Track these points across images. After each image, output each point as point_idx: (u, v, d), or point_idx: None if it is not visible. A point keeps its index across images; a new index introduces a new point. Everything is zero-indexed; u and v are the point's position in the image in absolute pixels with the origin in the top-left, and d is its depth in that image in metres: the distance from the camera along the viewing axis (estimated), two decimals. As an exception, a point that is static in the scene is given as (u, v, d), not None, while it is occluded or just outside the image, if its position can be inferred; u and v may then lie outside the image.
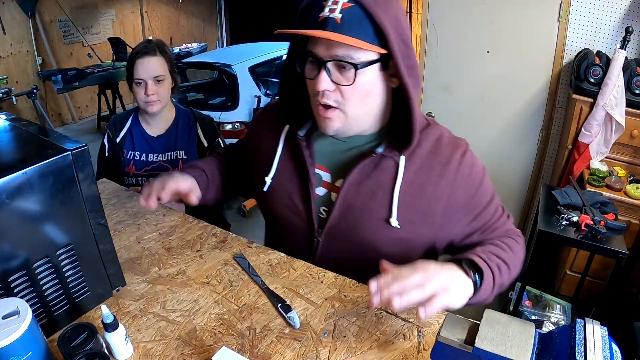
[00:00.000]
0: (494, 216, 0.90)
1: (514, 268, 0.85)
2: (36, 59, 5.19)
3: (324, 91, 0.78)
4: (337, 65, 0.77)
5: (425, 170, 0.84)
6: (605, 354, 0.48)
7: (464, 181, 0.84)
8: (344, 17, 0.73)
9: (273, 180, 0.96)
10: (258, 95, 3.64)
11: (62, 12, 5.38)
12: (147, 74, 1.48)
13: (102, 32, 5.99)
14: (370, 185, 0.86)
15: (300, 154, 0.91)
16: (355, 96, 0.79)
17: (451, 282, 0.72)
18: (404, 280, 0.67)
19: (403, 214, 0.84)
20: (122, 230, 1.03)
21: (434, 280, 0.69)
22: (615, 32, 2.31)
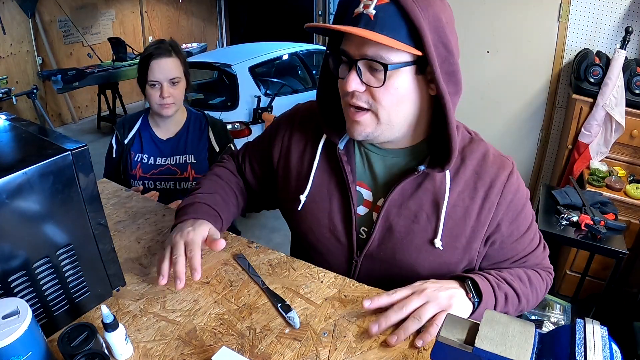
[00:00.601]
0: (528, 246, 0.87)
1: (527, 302, 0.83)
2: (36, 59, 5.19)
3: (354, 92, 0.74)
4: (369, 65, 0.72)
5: (470, 193, 0.80)
6: (605, 354, 0.48)
7: (506, 206, 0.80)
8: (378, 14, 0.68)
9: (308, 198, 0.89)
10: (258, 95, 3.64)
11: (62, 12, 5.38)
12: (163, 76, 1.44)
13: (102, 32, 5.99)
14: (412, 207, 0.82)
15: (340, 169, 0.86)
16: (388, 99, 0.73)
17: (449, 301, 0.73)
18: (402, 310, 0.71)
19: (446, 238, 0.81)
20: (122, 230, 1.03)
21: (433, 304, 0.72)
22: (615, 32, 2.31)
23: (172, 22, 7.12)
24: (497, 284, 0.78)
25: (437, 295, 0.72)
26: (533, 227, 0.86)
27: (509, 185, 0.80)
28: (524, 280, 0.82)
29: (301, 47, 4.58)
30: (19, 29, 4.98)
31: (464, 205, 0.80)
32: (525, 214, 0.84)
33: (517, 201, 0.81)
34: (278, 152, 0.96)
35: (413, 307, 0.71)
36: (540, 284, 0.86)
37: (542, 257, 0.90)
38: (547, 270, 0.90)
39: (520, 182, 0.83)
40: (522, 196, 0.82)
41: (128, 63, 5.29)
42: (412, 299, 0.72)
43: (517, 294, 0.80)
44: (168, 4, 6.95)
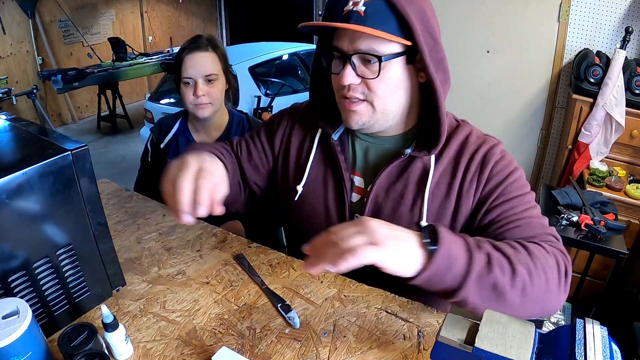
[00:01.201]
0: (522, 212, 0.77)
1: (529, 273, 0.66)
2: (36, 59, 5.20)
3: (349, 85, 0.77)
4: (362, 58, 0.75)
5: (452, 169, 0.82)
6: (605, 354, 0.48)
7: (488, 173, 0.80)
8: (367, 9, 0.72)
9: (304, 188, 0.92)
10: (258, 95, 3.64)
11: (62, 12, 5.38)
12: (197, 72, 1.30)
13: (102, 32, 5.99)
14: (399, 188, 0.84)
15: (334, 159, 0.89)
16: (383, 89, 0.77)
17: (386, 239, 0.60)
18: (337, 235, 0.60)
19: (432, 218, 0.82)
20: (122, 230, 1.03)
21: (368, 232, 0.60)
22: (615, 32, 2.31)
23: (172, 22, 7.12)
24: (476, 242, 0.67)
25: (376, 229, 0.61)
26: (527, 198, 0.79)
27: (490, 155, 0.80)
28: (517, 247, 0.69)
29: (301, 47, 4.58)
30: (19, 29, 4.98)
31: (446, 182, 0.82)
32: (514, 183, 0.79)
33: (501, 169, 0.80)
34: (279, 141, 0.98)
35: (341, 233, 0.61)
36: (546, 257, 0.70)
37: (542, 229, 0.77)
38: (553, 245, 0.74)
39: (505, 155, 0.82)
40: (506, 165, 0.81)
41: (128, 63, 5.30)
42: (348, 227, 0.61)
43: (508, 259, 0.66)
44: (168, 4, 6.95)
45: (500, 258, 0.66)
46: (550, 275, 0.68)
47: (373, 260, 0.59)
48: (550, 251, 0.71)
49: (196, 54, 1.30)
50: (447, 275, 0.63)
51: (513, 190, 0.79)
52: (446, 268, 0.63)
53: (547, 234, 0.76)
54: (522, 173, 0.82)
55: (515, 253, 0.68)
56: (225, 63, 1.37)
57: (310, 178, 0.92)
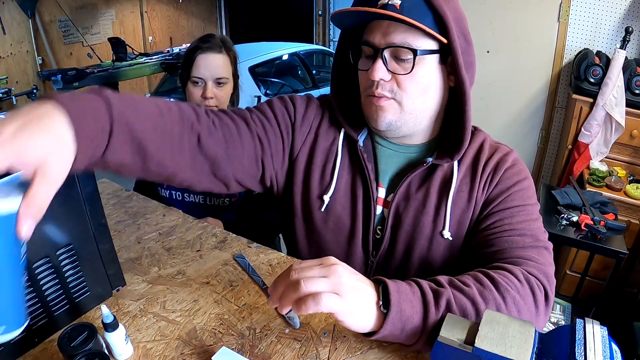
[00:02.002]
0: (519, 224, 0.74)
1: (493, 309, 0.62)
2: (36, 59, 5.20)
3: (378, 82, 0.74)
4: (394, 54, 0.72)
5: (471, 176, 0.80)
6: (605, 354, 0.48)
7: (498, 179, 0.79)
8: (404, 3, 0.69)
9: (331, 198, 0.84)
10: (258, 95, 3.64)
11: (62, 12, 5.38)
12: (209, 73, 1.27)
13: (102, 32, 5.99)
14: (420, 198, 0.81)
15: (361, 166, 0.84)
16: (413, 87, 0.74)
17: (352, 290, 0.57)
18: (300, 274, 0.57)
19: (454, 227, 0.80)
20: (122, 230, 1.03)
21: (332, 278, 0.57)
22: (615, 32, 2.31)
23: (172, 22, 7.12)
24: (435, 291, 0.62)
25: (341, 276, 0.57)
26: (529, 210, 0.77)
27: (502, 163, 0.80)
28: (484, 282, 0.64)
29: (301, 47, 4.58)
30: (19, 29, 4.98)
31: (467, 190, 0.80)
32: (519, 192, 0.78)
33: (509, 176, 0.79)
34: (303, 137, 0.85)
35: (305, 274, 0.57)
36: (518, 287, 0.64)
37: (534, 242, 0.73)
38: (533, 268, 0.68)
39: (516, 164, 0.81)
40: (515, 173, 0.80)
41: (128, 63, 5.29)
42: (313, 267, 0.58)
43: (472, 301, 0.61)
44: (168, 4, 6.95)
45: (462, 301, 0.61)
46: (522, 306, 0.64)
47: (333, 310, 0.56)
48: (525, 279, 0.66)
49: (210, 55, 1.27)
50: (401, 335, 0.60)
51: (516, 199, 0.77)
52: (400, 329, 0.59)
53: (537, 247, 0.73)
54: (530, 184, 0.80)
55: (481, 290, 0.63)
56: (235, 66, 1.35)
57: (338, 187, 0.85)
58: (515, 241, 0.73)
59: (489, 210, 0.78)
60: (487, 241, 0.76)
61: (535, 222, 0.77)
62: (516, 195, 0.78)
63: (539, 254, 0.72)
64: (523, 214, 0.76)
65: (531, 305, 0.65)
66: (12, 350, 0.66)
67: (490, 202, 0.79)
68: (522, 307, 0.64)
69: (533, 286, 0.66)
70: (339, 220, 0.85)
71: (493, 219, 0.77)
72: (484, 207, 0.79)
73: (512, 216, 0.76)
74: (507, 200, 0.77)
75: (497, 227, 0.76)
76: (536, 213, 0.78)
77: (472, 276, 0.66)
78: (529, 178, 0.81)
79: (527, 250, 0.72)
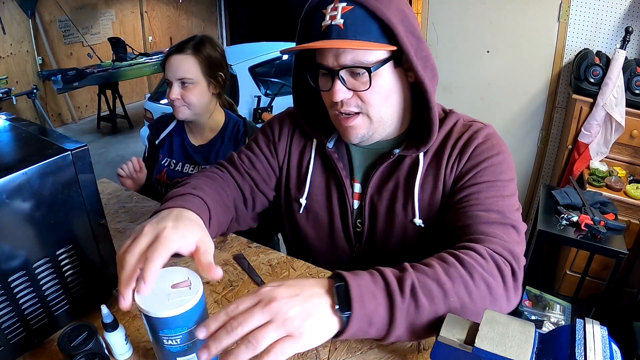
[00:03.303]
0: (489, 199, 0.73)
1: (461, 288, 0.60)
2: (36, 59, 5.20)
3: (342, 100, 0.76)
4: (350, 72, 0.74)
5: (437, 160, 0.81)
6: (605, 354, 0.48)
7: (468, 155, 0.78)
8: (347, 21, 0.70)
9: (307, 199, 0.91)
10: (258, 95, 3.64)
11: (62, 12, 5.38)
12: (172, 75, 1.31)
13: (102, 32, 6.00)
14: (390, 187, 0.84)
15: (333, 167, 0.88)
16: (376, 98, 0.76)
17: (301, 325, 0.52)
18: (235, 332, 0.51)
19: (425, 213, 0.82)
20: (122, 230, 1.03)
21: (277, 325, 0.51)
22: (615, 32, 2.31)
23: (172, 22, 7.12)
24: (397, 277, 0.59)
25: (286, 312, 0.52)
26: (500, 185, 0.75)
27: (472, 140, 0.79)
28: (449, 262, 0.62)
29: (301, 47, 4.57)
30: (19, 29, 4.98)
31: (433, 174, 0.81)
32: (490, 168, 0.76)
33: (479, 152, 0.78)
34: (283, 150, 0.94)
35: (251, 326, 0.51)
36: (483, 265, 0.62)
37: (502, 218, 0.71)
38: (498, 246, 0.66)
39: (489, 139, 0.79)
40: (486, 149, 0.78)
41: (128, 63, 5.30)
42: (253, 313, 0.52)
43: (437, 282, 0.59)
44: (168, 4, 6.95)
45: (427, 283, 0.59)
46: (491, 281, 0.62)
47: (293, 353, 0.52)
48: (489, 255, 0.64)
49: (174, 56, 1.31)
50: (370, 331, 0.57)
51: (485, 174, 0.76)
52: (367, 325, 0.56)
53: (503, 224, 0.70)
54: (503, 158, 0.78)
55: (446, 269, 0.61)
56: (209, 67, 1.33)
57: (313, 189, 0.91)
58: (479, 216, 0.71)
59: (458, 186, 0.78)
60: (454, 216, 0.75)
61: (507, 199, 0.74)
62: (486, 171, 0.76)
63: (504, 231, 0.70)
64: (492, 190, 0.74)
65: (499, 281, 0.63)
66: (12, 350, 0.66)
67: (461, 179, 0.78)
68: (491, 282, 0.62)
69: (498, 262, 0.64)
70: (317, 218, 0.92)
71: (461, 194, 0.77)
72: (454, 184, 0.79)
73: (480, 191, 0.75)
74: (477, 176, 0.76)
75: (464, 202, 0.75)
76: (509, 189, 0.76)
77: (436, 257, 0.65)
78: (503, 153, 0.78)
79: (492, 227, 0.70)
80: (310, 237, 0.94)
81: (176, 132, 1.47)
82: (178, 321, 0.56)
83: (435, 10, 2.67)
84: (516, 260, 0.66)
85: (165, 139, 1.48)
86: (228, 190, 0.88)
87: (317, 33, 0.74)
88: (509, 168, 0.78)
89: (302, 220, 0.93)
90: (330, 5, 0.72)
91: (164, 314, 0.54)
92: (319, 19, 0.73)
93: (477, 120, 0.85)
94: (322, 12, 0.73)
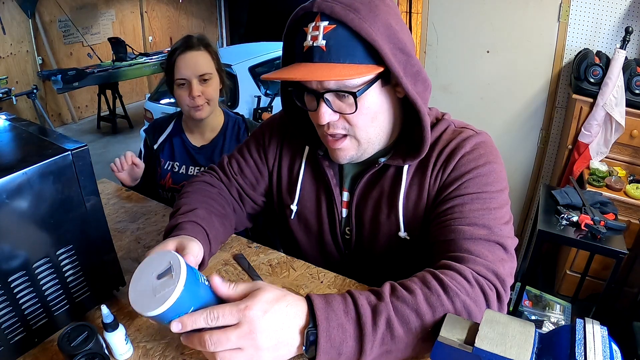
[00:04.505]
0: (466, 208, 0.70)
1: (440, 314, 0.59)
2: (36, 59, 5.20)
3: (328, 123, 0.73)
4: (336, 94, 0.70)
5: (422, 168, 0.78)
6: (605, 354, 0.48)
7: (453, 166, 0.75)
8: (329, 42, 0.66)
9: (298, 206, 0.91)
10: (258, 95, 3.64)
11: (62, 12, 5.38)
12: (191, 72, 1.27)
13: (102, 32, 6.00)
14: (375, 196, 0.83)
15: (323, 175, 0.87)
16: (363, 120, 0.73)
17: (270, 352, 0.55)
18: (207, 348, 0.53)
19: (410, 225, 0.80)
20: (122, 230, 1.03)
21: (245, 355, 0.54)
22: (615, 32, 2.31)
23: (172, 22, 7.12)
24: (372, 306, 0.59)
25: (259, 347, 0.54)
26: (487, 197, 0.71)
27: (458, 149, 0.75)
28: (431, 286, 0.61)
29: (301, 47, 4.57)
30: (19, 29, 4.98)
31: (417, 184, 0.78)
32: (476, 179, 0.73)
33: (465, 162, 0.74)
34: (273, 156, 0.94)
35: (223, 348, 0.54)
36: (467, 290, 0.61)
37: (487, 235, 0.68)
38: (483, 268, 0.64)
39: (477, 149, 0.75)
40: (473, 159, 0.74)
41: (128, 63, 5.30)
42: (230, 339, 0.53)
43: (415, 310, 0.59)
44: (168, 4, 6.95)
45: (405, 314, 0.58)
46: (474, 309, 0.61)
47: None
48: (474, 279, 0.63)
49: (188, 53, 1.27)
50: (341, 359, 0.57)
51: (471, 186, 0.72)
52: (336, 354, 0.57)
53: (488, 241, 0.68)
54: (492, 169, 0.74)
55: (427, 296, 0.60)
56: (218, 62, 1.34)
57: (303, 195, 0.90)
58: (463, 231, 0.69)
59: (442, 197, 0.75)
60: (437, 230, 0.73)
61: (494, 212, 0.71)
62: (471, 183, 0.73)
63: (489, 249, 0.67)
64: (478, 202, 0.71)
65: (482, 308, 0.62)
66: (12, 350, 0.66)
67: (444, 189, 0.75)
68: (473, 310, 0.61)
69: (484, 287, 0.63)
70: (308, 224, 0.92)
71: (445, 206, 0.74)
72: (438, 195, 0.76)
73: (464, 204, 0.72)
74: (461, 188, 0.73)
75: (447, 215, 0.72)
76: (497, 201, 0.72)
77: (420, 279, 0.63)
78: (492, 163, 0.74)
79: (477, 244, 0.67)
80: (301, 241, 0.95)
81: (175, 134, 1.44)
82: (177, 309, 0.53)
83: (435, 10, 2.67)
84: (501, 282, 0.65)
85: (164, 143, 1.44)
86: (220, 199, 0.91)
87: (299, 53, 0.70)
88: (498, 179, 0.74)
89: (294, 225, 0.94)
90: (312, 23, 0.67)
91: (157, 311, 0.52)
92: (300, 38, 0.69)
93: (470, 127, 0.81)
94: (304, 31, 0.68)
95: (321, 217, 0.90)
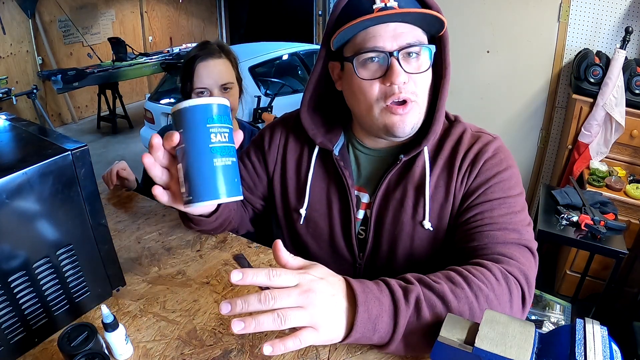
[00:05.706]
0: (500, 219, 0.72)
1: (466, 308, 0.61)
2: (36, 59, 5.20)
3: (399, 86, 0.71)
4: (405, 54, 0.71)
5: (448, 170, 0.79)
6: (605, 354, 0.48)
7: (478, 170, 0.76)
8: (400, 3, 0.69)
9: (308, 209, 0.88)
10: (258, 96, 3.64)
11: (62, 12, 5.38)
12: (213, 81, 1.20)
13: (102, 32, 6.00)
14: (398, 196, 0.81)
15: (337, 174, 0.85)
16: (425, 84, 0.74)
17: (323, 319, 0.56)
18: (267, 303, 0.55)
19: (434, 220, 0.80)
20: (122, 230, 1.03)
21: (306, 314, 0.55)
22: (615, 32, 2.31)
23: (172, 22, 7.12)
24: (403, 288, 0.61)
25: (318, 307, 0.56)
26: (512, 201, 0.74)
27: (481, 153, 0.77)
28: (457, 281, 0.62)
29: (301, 47, 4.58)
30: (19, 29, 4.98)
31: (444, 184, 0.79)
32: (500, 184, 0.75)
33: (489, 167, 0.76)
34: (274, 160, 0.93)
35: (283, 305, 0.55)
36: (494, 286, 0.63)
37: (517, 239, 0.70)
38: (512, 267, 0.66)
39: (498, 153, 0.78)
40: (496, 164, 0.76)
41: (128, 63, 5.30)
42: (290, 295, 0.55)
43: (442, 299, 0.61)
44: (168, 4, 6.95)
45: (431, 299, 0.60)
46: (496, 305, 0.62)
47: (309, 343, 0.56)
48: (502, 277, 0.64)
49: (210, 61, 1.21)
50: (375, 336, 0.59)
51: (496, 191, 0.75)
52: (371, 330, 0.58)
53: (520, 245, 0.70)
54: (512, 173, 0.77)
55: (452, 288, 0.62)
56: (237, 70, 1.29)
57: (313, 198, 0.88)
58: (495, 236, 0.71)
59: (469, 203, 0.76)
60: (468, 235, 0.74)
61: (518, 215, 0.73)
62: (496, 187, 0.75)
63: (521, 253, 0.69)
64: (505, 207, 0.73)
65: (506, 305, 0.63)
66: (12, 350, 0.66)
67: (470, 195, 0.76)
68: (496, 306, 0.62)
69: (511, 285, 0.64)
70: (317, 227, 0.90)
71: (473, 212, 0.75)
72: (464, 200, 0.77)
73: (492, 209, 0.74)
74: (487, 193, 0.75)
75: (477, 220, 0.74)
76: (519, 204, 0.75)
77: (444, 274, 0.65)
78: (512, 167, 0.77)
79: (509, 247, 0.70)
80: (311, 246, 0.93)
81: None
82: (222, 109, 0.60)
83: (435, 10, 2.67)
84: (529, 285, 0.67)
85: None
86: None
87: (369, 14, 0.69)
88: (518, 183, 0.77)
89: (302, 230, 0.92)
90: None
91: (209, 101, 0.58)
92: (367, 2, 0.70)
93: (485, 131, 0.83)
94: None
95: (332, 219, 0.88)
